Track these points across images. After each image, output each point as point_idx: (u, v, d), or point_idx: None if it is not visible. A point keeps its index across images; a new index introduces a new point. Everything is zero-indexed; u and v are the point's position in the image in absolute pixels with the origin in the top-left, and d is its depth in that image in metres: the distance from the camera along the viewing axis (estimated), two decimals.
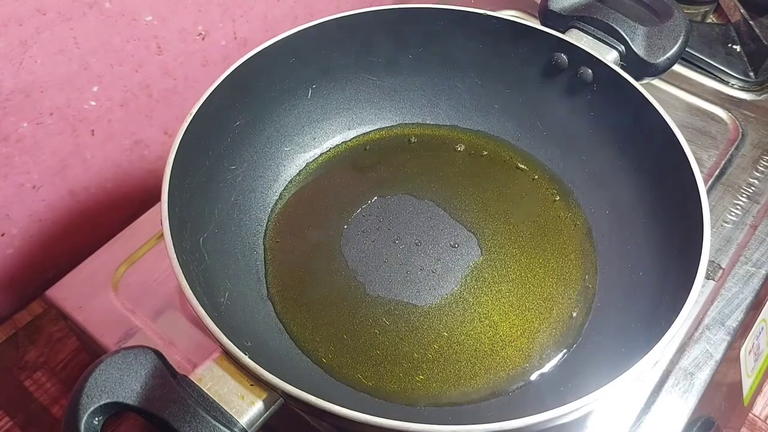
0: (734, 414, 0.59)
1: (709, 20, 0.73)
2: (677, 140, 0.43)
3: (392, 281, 0.47)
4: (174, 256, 0.36)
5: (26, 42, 0.54)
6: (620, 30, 0.50)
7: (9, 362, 0.65)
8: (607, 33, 0.51)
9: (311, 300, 0.47)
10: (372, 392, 0.43)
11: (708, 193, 0.55)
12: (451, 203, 0.52)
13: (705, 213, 0.39)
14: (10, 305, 0.68)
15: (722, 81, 0.66)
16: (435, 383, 0.43)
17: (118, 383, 0.33)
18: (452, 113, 0.57)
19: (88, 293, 0.52)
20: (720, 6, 0.73)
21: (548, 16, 0.53)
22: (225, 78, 0.45)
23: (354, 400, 0.42)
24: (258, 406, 0.34)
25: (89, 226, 0.69)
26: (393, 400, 0.42)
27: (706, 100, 0.64)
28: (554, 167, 0.54)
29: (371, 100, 0.56)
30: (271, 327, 0.45)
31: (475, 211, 0.52)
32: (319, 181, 0.53)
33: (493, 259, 0.49)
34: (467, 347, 0.45)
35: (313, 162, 0.55)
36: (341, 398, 0.39)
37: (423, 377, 0.43)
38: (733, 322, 0.49)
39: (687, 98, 0.64)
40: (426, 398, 0.43)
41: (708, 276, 0.51)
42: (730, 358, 0.49)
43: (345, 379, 0.43)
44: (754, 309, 0.51)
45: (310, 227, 0.51)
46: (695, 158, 0.42)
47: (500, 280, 0.48)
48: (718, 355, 0.48)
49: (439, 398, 0.43)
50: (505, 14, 0.61)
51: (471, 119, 0.57)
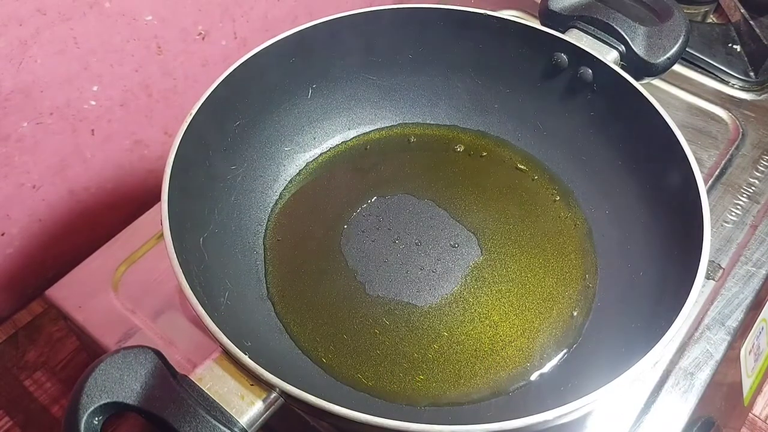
0: (734, 414, 0.58)
1: (710, 20, 0.73)
2: (677, 140, 0.43)
3: (392, 281, 0.47)
4: (174, 256, 0.37)
5: (26, 42, 0.54)
6: (620, 30, 0.50)
7: (9, 362, 0.65)
8: (607, 33, 0.51)
9: (311, 300, 0.47)
10: (372, 392, 0.43)
11: (708, 193, 0.55)
12: (451, 203, 0.52)
13: (705, 213, 0.39)
14: (10, 305, 0.68)
15: (722, 81, 0.65)
16: (435, 383, 0.43)
17: (118, 383, 0.33)
18: (452, 113, 0.57)
19: (88, 293, 0.52)
20: (720, 6, 0.73)
21: (548, 16, 0.54)
22: (225, 78, 0.45)
23: (354, 400, 0.42)
24: (258, 406, 0.34)
25: (89, 226, 0.69)
26: (393, 400, 0.42)
27: (707, 100, 0.64)
28: (554, 167, 0.54)
29: (371, 100, 0.56)
30: (271, 327, 0.45)
31: (475, 211, 0.52)
32: (319, 181, 0.53)
33: (493, 259, 0.49)
34: (467, 347, 0.45)
35: (313, 162, 0.55)
36: (341, 398, 0.39)
37: (423, 377, 0.43)
38: (733, 322, 0.49)
39: (687, 98, 0.64)
40: (426, 398, 0.43)
41: (708, 276, 0.51)
42: (730, 358, 0.49)
43: (345, 379, 0.43)
44: (755, 309, 0.51)
45: (310, 227, 0.51)
46: (695, 158, 0.42)
47: (500, 280, 0.48)
48: (718, 355, 0.48)
49: (439, 398, 0.43)
50: (505, 14, 0.61)
51: (471, 119, 0.57)
